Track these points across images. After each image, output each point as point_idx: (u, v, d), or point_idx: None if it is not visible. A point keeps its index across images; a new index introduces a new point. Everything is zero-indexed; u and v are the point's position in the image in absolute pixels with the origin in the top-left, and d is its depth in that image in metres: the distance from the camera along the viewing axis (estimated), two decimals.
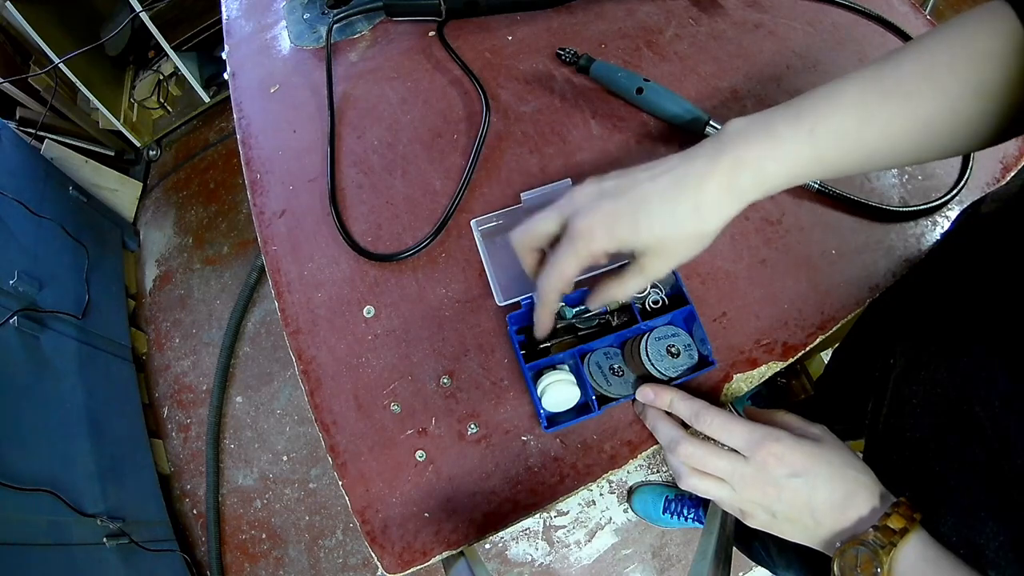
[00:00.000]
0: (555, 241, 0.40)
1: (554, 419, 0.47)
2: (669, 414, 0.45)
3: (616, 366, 0.47)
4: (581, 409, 0.47)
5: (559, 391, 0.45)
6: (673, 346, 0.46)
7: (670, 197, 0.34)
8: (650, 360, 0.45)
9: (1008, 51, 0.30)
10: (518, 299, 0.49)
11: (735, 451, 0.40)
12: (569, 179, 0.55)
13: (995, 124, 0.33)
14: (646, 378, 0.46)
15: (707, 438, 0.42)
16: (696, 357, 0.46)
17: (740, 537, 0.91)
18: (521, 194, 0.54)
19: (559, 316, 0.49)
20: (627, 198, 0.35)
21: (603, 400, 0.46)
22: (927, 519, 0.35)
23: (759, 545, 0.82)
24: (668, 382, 0.46)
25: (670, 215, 0.34)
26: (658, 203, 0.34)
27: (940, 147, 0.34)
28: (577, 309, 0.49)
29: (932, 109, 0.32)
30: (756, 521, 0.40)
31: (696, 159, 0.35)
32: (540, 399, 0.46)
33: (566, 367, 0.48)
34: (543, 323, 0.43)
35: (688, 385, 0.47)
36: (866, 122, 0.33)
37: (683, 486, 0.42)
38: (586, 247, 0.36)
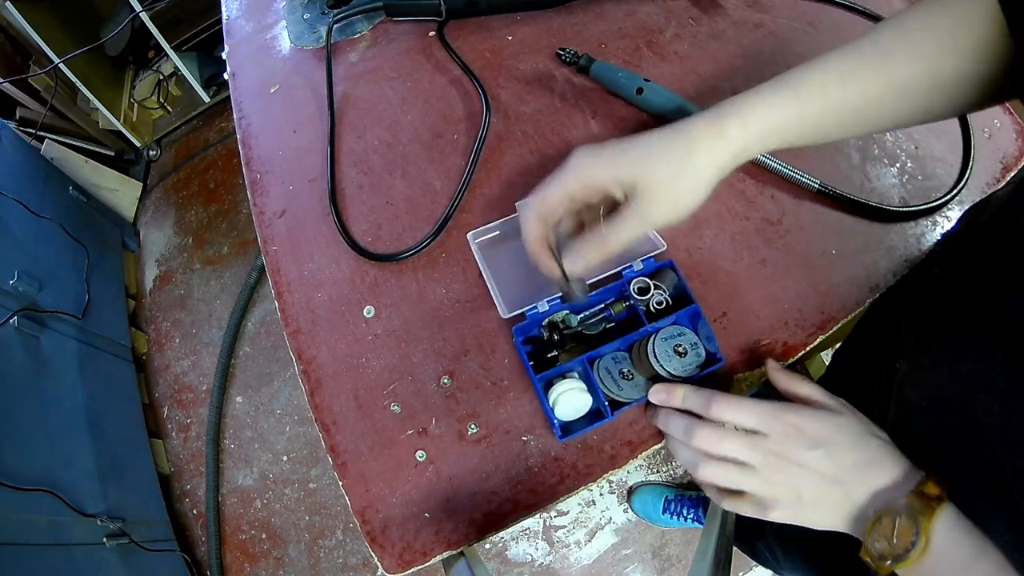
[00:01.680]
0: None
1: (568, 428, 0.47)
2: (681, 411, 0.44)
3: (625, 370, 0.47)
4: (594, 416, 0.47)
5: (571, 400, 0.45)
6: (680, 345, 0.46)
7: (665, 141, 0.37)
8: (658, 361, 0.45)
9: (981, 16, 0.33)
10: (522, 310, 0.48)
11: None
12: None
13: (974, 85, 0.35)
14: (656, 379, 0.46)
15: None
16: (703, 355, 0.46)
17: (743, 538, 0.90)
18: (516, 204, 0.54)
19: (565, 325, 0.49)
20: (623, 144, 0.38)
21: (615, 405, 0.46)
22: None
23: (763, 546, 0.81)
24: (678, 382, 0.46)
25: (664, 153, 0.37)
26: (655, 144, 0.37)
27: (922, 109, 0.36)
28: (582, 315, 0.49)
29: (909, 69, 0.34)
30: (780, 512, 0.38)
31: (690, 119, 0.38)
32: (552, 409, 0.46)
33: (575, 375, 0.47)
34: (543, 262, 0.42)
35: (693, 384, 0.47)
36: (846, 83, 0.35)
37: (701, 477, 0.40)
38: (579, 175, 0.37)
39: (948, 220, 0.54)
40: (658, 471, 1.36)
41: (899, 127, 0.39)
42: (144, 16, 1.63)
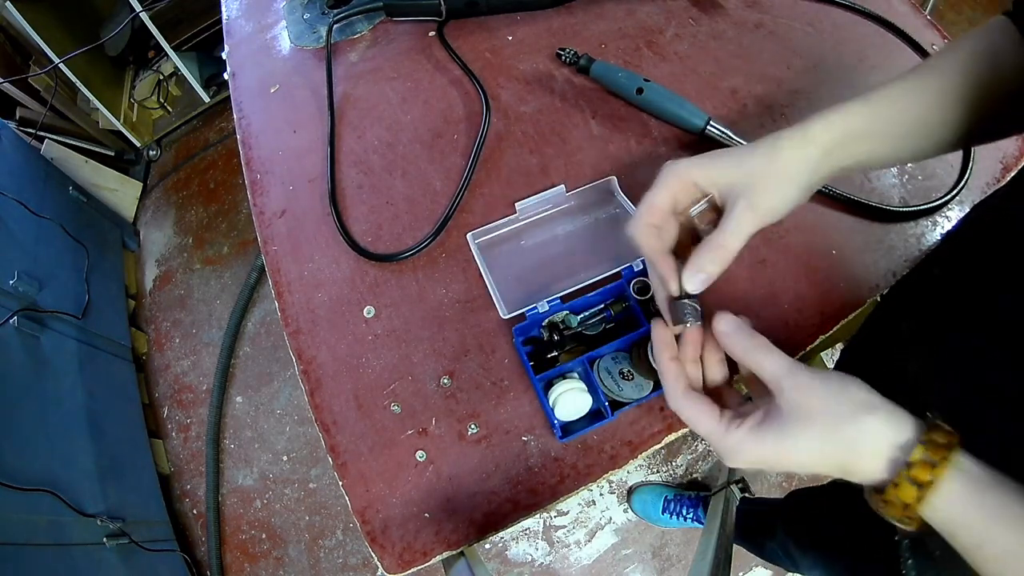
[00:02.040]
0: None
1: (568, 428, 0.47)
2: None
3: (625, 370, 0.47)
4: (594, 416, 0.47)
5: (571, 400, 0.45)
6: None
7: (752, 146, 0.39)
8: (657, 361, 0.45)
9: (1017, 44, 0.37)
10: (522, 311, 0.48)
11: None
12: (562, 185, 0.55)
13: (1011, 105, 0.38)
14: (656, 380, 0.46)
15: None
16: None
17: (750, 537, 0.90)
18: (516, 204, 0.54)
19: (565, 325, 0.49)
20: (711, 153, 0.39)
21: (616, 405, 0.46)
22: None
23: (775, 545, 0.80)
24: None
25: (753, 154, 0.38)
26: (746, 150, 0.39)
27: (977, 121, 0.39)
28: (582, 316, 0.49)
29: (962, 82, 0.38)
30: None
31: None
32: (552, 409, 0.46)
33: (575, 375, 0.47)
34: (659, 270, 0.39)
35: None
36: (909, 94, 0.39)
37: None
38: (678, 176, 0.38)
39: (948, 220, 0.54)
40: (658, 471, 1.36)
41: (958, 142, 0.41)
42: (144, 16, 1.63)
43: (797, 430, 0.32)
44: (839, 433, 0.31)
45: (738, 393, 0.40)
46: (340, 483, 0.49)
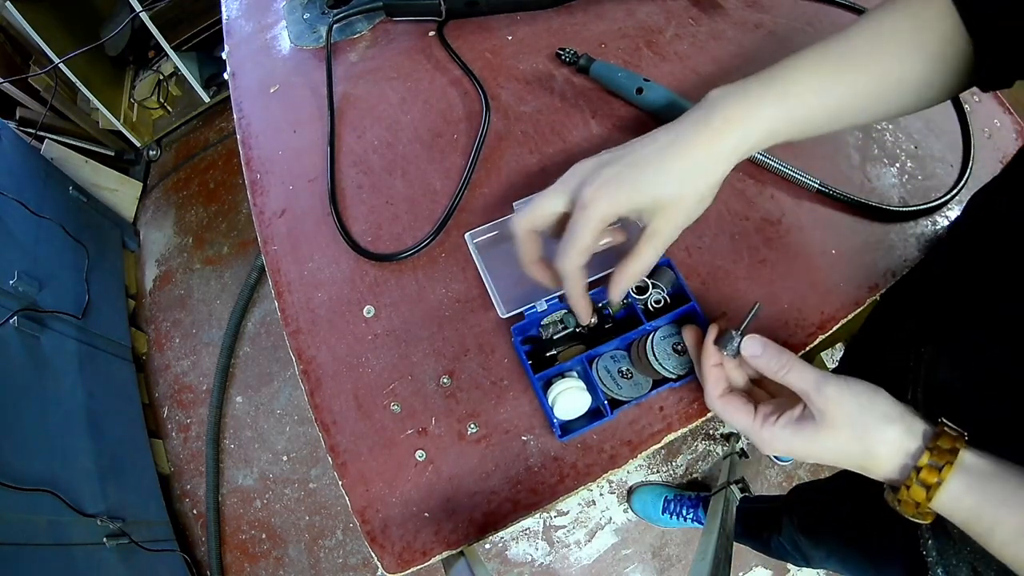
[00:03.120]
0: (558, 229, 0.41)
1: (567, 427, 0.47)
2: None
3: (624, 369, 0.47)
4: (593, 415, 0.47)
5: (570, 399, 0.45)
6: (679, 344, 0.46)
7: (667, 156, 0.38)
8: (657, 359, 0.45)
9: (942, 15, 0.36)
10: (521, 310, 0.48)
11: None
12: None
13: (940, 78, 0.38)
14: (655, 378, 0.46)
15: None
16: None
17: (754, 535, 0.89)
18: (513, 203, 0.55)
19: (562, 324, 0.49)
20: (625, 162, 0.38)
21: (615, 404, 0.46)
22: None
23: (783, 540, 0.80)
24: (676, 380, 0.46)
25: (666, 173, 0.37)
26: (657, 162, 0.38)
27: (899, 103, 0.39)
28: None
29: (881, 68, 0.38)
30: None
31: (683, 124, 0.39)
32: (552, 408, 0.46)
33: (575, 374, 0.48)
34: (579, 306, 0.43)
35: (691, 384, 0.47)
36: (826, 87, 0.38)
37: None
38: (596, 212, 0.38)
39: (948, 220, 0.54)
40: (658, 471, 1.36)
41: (877, 121, 0.41)
42: (144, 16, 1.63)
43: (825, 434, 0.35)
44: (861, 441, 0.35)
45: (764, 393, 0.43)
46: (340, 483, 0.49)
